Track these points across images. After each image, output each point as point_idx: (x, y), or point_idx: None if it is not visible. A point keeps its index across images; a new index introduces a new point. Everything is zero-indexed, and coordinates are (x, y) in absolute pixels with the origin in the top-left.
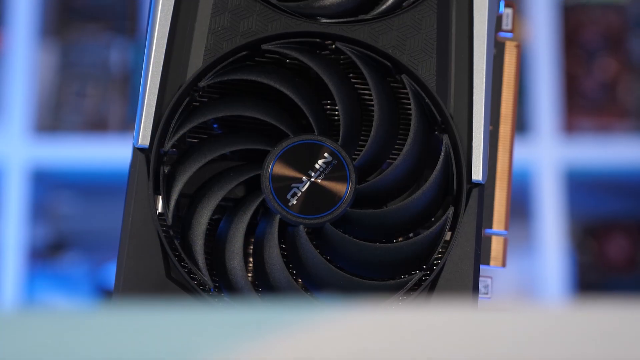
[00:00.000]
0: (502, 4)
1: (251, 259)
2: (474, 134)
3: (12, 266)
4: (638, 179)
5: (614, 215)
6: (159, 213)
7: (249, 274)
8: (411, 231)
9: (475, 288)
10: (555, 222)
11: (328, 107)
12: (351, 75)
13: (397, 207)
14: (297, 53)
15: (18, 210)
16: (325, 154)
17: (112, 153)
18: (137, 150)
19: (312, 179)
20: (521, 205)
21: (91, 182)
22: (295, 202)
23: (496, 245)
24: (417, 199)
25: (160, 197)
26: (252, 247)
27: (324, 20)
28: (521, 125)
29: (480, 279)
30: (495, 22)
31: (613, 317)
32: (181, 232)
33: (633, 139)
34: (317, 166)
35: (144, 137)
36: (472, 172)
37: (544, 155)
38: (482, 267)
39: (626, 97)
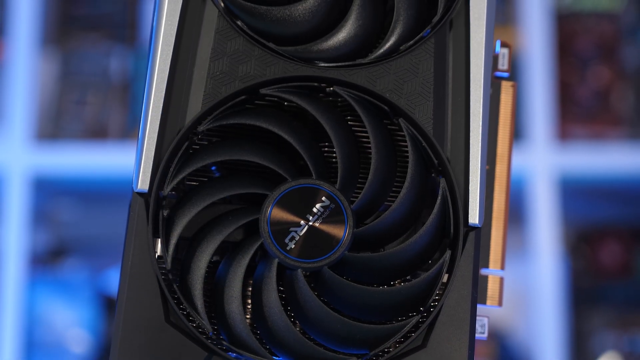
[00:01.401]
0: (498, 43)
1: (250, 301)
2: (470, 177)
3: (13, 272)
4: (631, 186)
5: (607, 222)
6: (158, 256)
7: (248, 316)
8: (408, 274)
9: (472, 331)
10: (549, 228)
11: (326, 148)
12: (349, 117)
13: (395, 251)
14: (295, 97)
15: (19, 217)
16: (323, 198)
17: (112, 160)
18: (136, 195)
19: (310, 223)
20: (516, 212)
21: (91, 189)
22: (293, 246)
23: (492, 284)
24: (414, 243)
25: (160, 240)
26: (250, 288)
27: (322, 64)
28: (516, 132)
29: (477, 318)
30: (492, 62)
31: None
32: (180, 276)
33: (626, 146)
34: (315, 210)
35: (143, 181)
36: (469, 215)
37: (538, 162)
38: (478, 306)
39: (619, 104)
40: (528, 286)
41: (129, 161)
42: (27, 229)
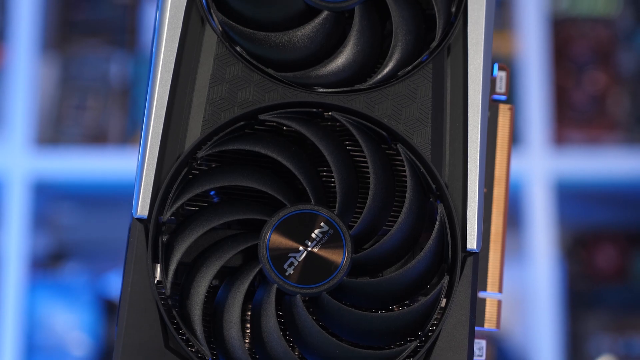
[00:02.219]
0: (495, 67)
1: (249, 325)
2: (468, 202)
3: (14, 276)
4: (626, 190)
5: (603, 226)
6: (157, 281)
7: (247, 341)
8: (407, 299)
9: (470, 356)
10: (545, 231)
11: (325, 173)
12: (347, 142)
13: (393, 276)
14: (294, 123)
15: (19, 220)
16: (322, 224)
17: (112, 165)
18: (136, 220)
19: (309, 249)
20: (512, 216)
21: (91, 193)
22: (292, 271)
23: (490, 307)
24: (412, 268)
25: (159, 265)
26: (249, 312)
27: (321, 90)
28: (512, 136)
29: (475, 341)
30: (490, 86)
31: None
32: (179, 301)
33: (622, 150)
34: (313, 235)
35: (142, 207)
36: (467, 240)
37: (534, 166)
38: (476, 328)
39: (615, 109)
40: (524, 289)
41: (128, 166)
42: (27, 232)
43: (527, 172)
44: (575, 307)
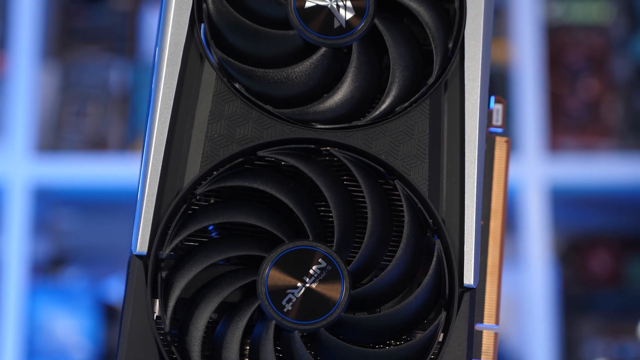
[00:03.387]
0: (492, 99)
1: None
2: (465, 238)
3: (14, 281)
4: (620, 196)
5: (597, 231)
6: (156, 317)
7: None
8: (404, 334)
9: None
10: (540, 237)
11: (323, 207)
12: (345, 177)
13: (391, 312)
14: (292, 159)
15: (20, 226)
16: (320, 260)
17: (112, 171)
18: (135, 257)
19: (307, 285)
20: (507, 221)
21: (91, 199)
22: (290, 307)
23: (487, 339)
24: (410, 304)
25: (158, 300)
26: (248, 347)
27: (319, 126)
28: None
29: None
30: (486, 120)
31: None
32: (178, 337)
33: (616, 157)
34: (311, 272)
35: (142, 244)
36: (464, 276)
37: (529, 172)
38: None
39: (609, 116)
40: (519, 294)
41: (128, 172)
42: (28, 238)
43: (522, 178)
44: (569, 312)
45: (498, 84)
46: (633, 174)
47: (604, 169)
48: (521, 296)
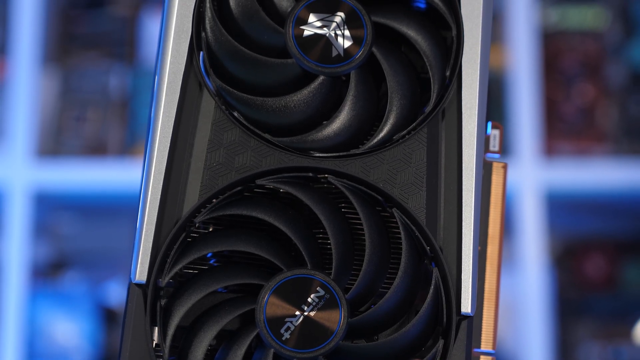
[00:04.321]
0: (489, 125)
1: None
2: (463, 266)
3: (15, 284)
4: (615, 200)
5: (592, 235)
6: (155, 345)
7: None
8: None
9: None
10: (535, 241)
11: (321, 235)
12: (343, 205)
13: (388, 340)
14: (290, 187)
15: (20, 230)
16: (318, 288)
17: (111, 176)
18: (134, 285)
19: (306, 313)
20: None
21: (91, 203)
22: (289, 336)
23: None
24: (407, 332)
25: (157, 328)
26: None
27: (317, 155)
28: (503, 148)
29: None
30: (484, 146)
31: None
32: None
33: (610, 161)
34: (310, 300)
35: (141, 272)
36: (462, 304)
37: (525, 177)
38: None
39: (604, 121)
40: (515, 297)
41: (127, 176)
42: (28, 242)
43: (517, 182)
44: (564, 315)
45: (494, 89)
46: (628, 179)
47: (599, 174)
48: (517, 300)
